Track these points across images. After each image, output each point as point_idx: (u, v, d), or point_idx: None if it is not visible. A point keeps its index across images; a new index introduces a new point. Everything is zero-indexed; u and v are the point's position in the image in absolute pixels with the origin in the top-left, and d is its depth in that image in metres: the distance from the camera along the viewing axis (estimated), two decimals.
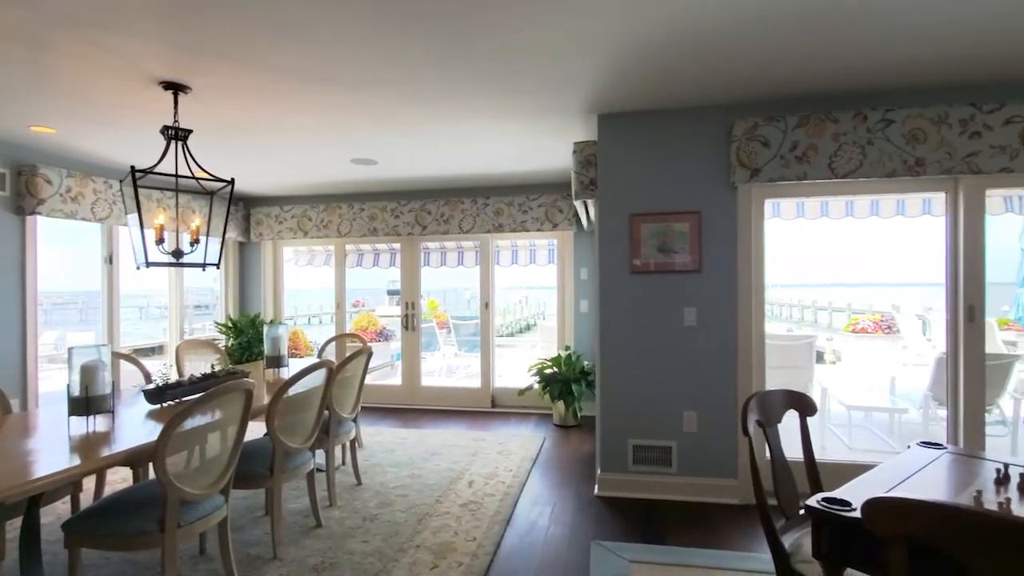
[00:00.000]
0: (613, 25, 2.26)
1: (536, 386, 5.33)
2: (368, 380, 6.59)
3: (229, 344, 5.59)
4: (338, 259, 6.45)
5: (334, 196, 6.23)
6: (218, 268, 3.17)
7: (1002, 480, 1.51)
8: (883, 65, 2.72)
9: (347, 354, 3.54)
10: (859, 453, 4.44)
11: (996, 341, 7.08)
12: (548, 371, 5.32)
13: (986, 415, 4.69)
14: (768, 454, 1.89)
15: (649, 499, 3.40)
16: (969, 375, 3.11)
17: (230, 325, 5.67)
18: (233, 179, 3.09)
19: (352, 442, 3.75)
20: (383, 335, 8.28)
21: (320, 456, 3.51)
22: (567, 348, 5.69)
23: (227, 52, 2.50)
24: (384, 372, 7.44)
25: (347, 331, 6.47)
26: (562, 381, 5.15)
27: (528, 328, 18.48)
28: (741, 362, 3.33)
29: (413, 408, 6.04)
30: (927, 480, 1.59)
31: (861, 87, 3.01)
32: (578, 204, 4.01)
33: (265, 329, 3.78)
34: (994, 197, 5.39)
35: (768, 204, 5.15)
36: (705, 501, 3.35)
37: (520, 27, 2.28)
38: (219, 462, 2.26)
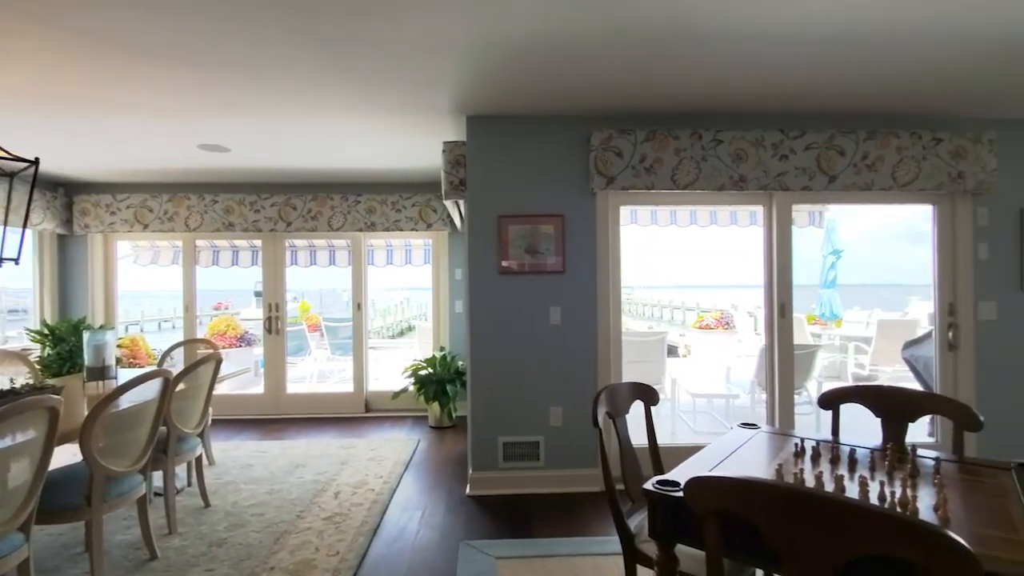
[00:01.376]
0: (470, 27, 2.30)
1: (411, 388, 5.24)
2: (226, 389, 6.06)
3: (45, 354, 4.76)
4: (187, 256, 5.80)
5: (181, 185, 5.59)
6: (17, 263, 2.68)
7: (799, 453, 1.78)
8: (714, 92, 3.08)
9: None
10: (701, 436, 4.97)
11: (805, 334, 8.37)
12: (423, 372, 5.26)
13: (796, 397, 5.53)
14: (618, 443, 2.04)
15: (519, 494, 3.51)
16: (782, 363, 3.63)
17: (46, 332, 4.83)
18: (38, 159, 2.63)
19: (198, 460, 3.39)
20: (245, 340, 7.61)
21: (160, 479, 3.13)
22: (442, 349, 5.68)
23: (31, 11, 2.12)
24: (246, 380, 6.83)
25: (199, 336, 5.84)
26: (437, 382, 5.13)
27: (410, 330, 18.16)
28: (601, 358, 3.56)
29: (278, 418, 5.62)
30: (744, 456, 1.83)
31: (698, 109, 3.39)
32: (449, 204, 4.02)
33: (86, 336, 3.27)
34: (801, 212, 6.37)
35: (626, 211, 5.62)
36: (571, 491, 3.53)
37: (381, 17, 2.23)
38: (18, 495, 1.91)
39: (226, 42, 2.40)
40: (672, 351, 11.37)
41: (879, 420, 2.02)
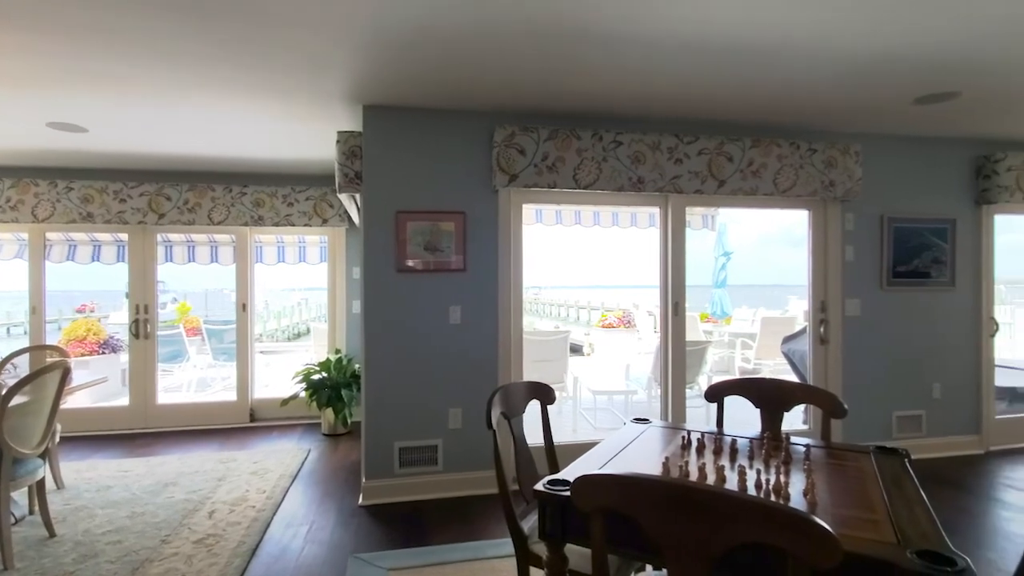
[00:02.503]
0: (358, 8, 2.14)
1: (303, 394, 4.88)
2: (82, 402, 5.32)
3: None
4: (34, 251, 5.02)
5: (28, 169, 4.83)
6: None
7: (685, 445, 1.80)
8: (615, 95, 3.12)
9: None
10: (602, 432, 5.07)
11: (698, 331, 8.91)
12: (316, 377, 4.93)
13: (688, 391, 5.81)
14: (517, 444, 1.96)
15: (416, 501, 3.35)
16: (674, 360, 3.77)
17: None
18: None
19: (41, 484, 2.90)
20: (110, 346, 6.75)
21: None
22: (338, 351, 5.36)
23: None
24: (110, 391, 6.05)
25: (50, 343, 5.07)
26: (331, 387, 4.82)
27: (309, 332, 17.19)
28: (502, 357, 3.49)
29: (146, 432, 5.01)
30: (635, 451, 1.82)
31: (600, 110, 3.43)
32: (344, 198, 3.78)
33: None
34: (696, 215, 6.74)
35: (531, 210, 5.64)
36: (471, 494, 3.42)
37: None
38: None
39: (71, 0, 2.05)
40: (578, 350, 11.70)
41: (759, 411, 2.11)
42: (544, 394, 2.13)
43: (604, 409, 5.90)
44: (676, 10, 2.18)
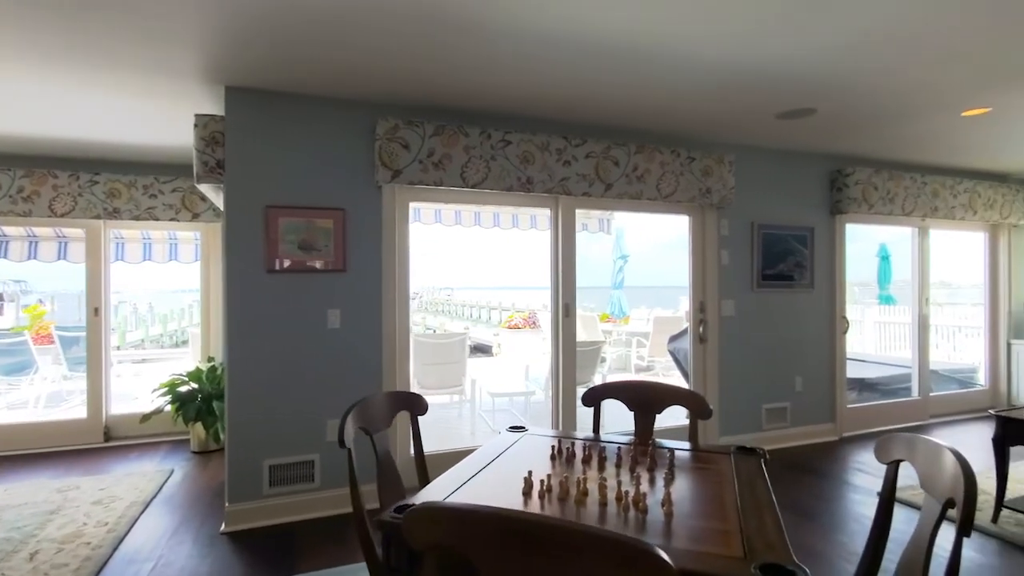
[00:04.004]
0: None
1: (168, 407, 4.35)
2: None
3: None
4: None
5: None
6: None
7: (554, 456, 1.73)
8: (504, 93, 3.04)
9: None
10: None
11: (598, 331, 9.18)
12: (183, 388, 4.42)
13: (583, 389, 5.90)
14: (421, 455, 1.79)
15: (289, 523, 3.06)
16: (565, 361, 3.77)
17: None
18: None
19: None
20: None
21: None
22: (211, 359, 4.86)
23: None
24: None
25: None
26: (202, 399, 4.34)
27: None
28: (386, 362, 3.30)
29: None
30: (504, 463, 1.72)
31: (488, 108, 3.34)
32: (207, 190, 3.38)
33: None
34: (592, 219, 6.88)
35: (431, 210, 5.47)
36: (349, 512, 3.18)
37: None
38: None
39: None
40: (487, 350, 11.66)
41: (632, 413, 2.10)
42: (413, 404, 1.99)
43: (504, 411, 5.86)
44: (558, 9, 2.13)
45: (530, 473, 1.46)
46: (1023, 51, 2.59)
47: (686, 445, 1.87)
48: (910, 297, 5.29)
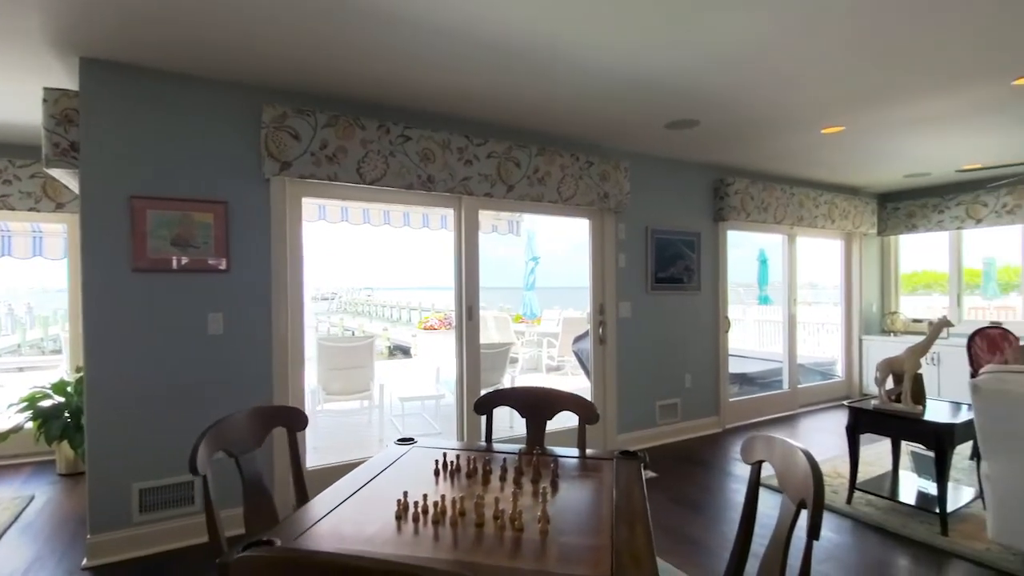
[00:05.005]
0: None
1: (30, 424, 3.79)
2: None
3: None
4: None
5: None
6: None
7: (438, 471, 1.68)
8: (403, 86, 2.93)
9: None
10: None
11: (510, 332, 9.25)
12: (46, 402, 3.86)
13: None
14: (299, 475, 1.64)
15: (165, 552, 2.76)
16: (469, 365, 3.73)
17: None
18: None
19: None
20: None
21: None
22: (79, 370, 4.29)
23: None
24: None
25: None
26: (69, 414, 3.81)
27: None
28: (277, 370, 3.07)
29: None
30: (384, 481, 1.64)
31: (386, 100, 3.20)
32: (59, 175, 2.97)
33: None
34: (502, 220, 6.90)
35: (337, 208, 5.20)
36: (239, 533, 2.93)
37: None
38: None
39: None
40: (407, 351, 11.37)
41: (524, 420, 2.10)
42: (290, 419, 1.84)
43: (416, 415, 5.72)
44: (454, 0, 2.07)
45: (405, 494, 1.40)
46: (871, 74, 2.89)
47: (574, 452, 1.89)
48: (782, 297, 5.80)
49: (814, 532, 1.16)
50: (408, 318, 20.50)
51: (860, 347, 6.25)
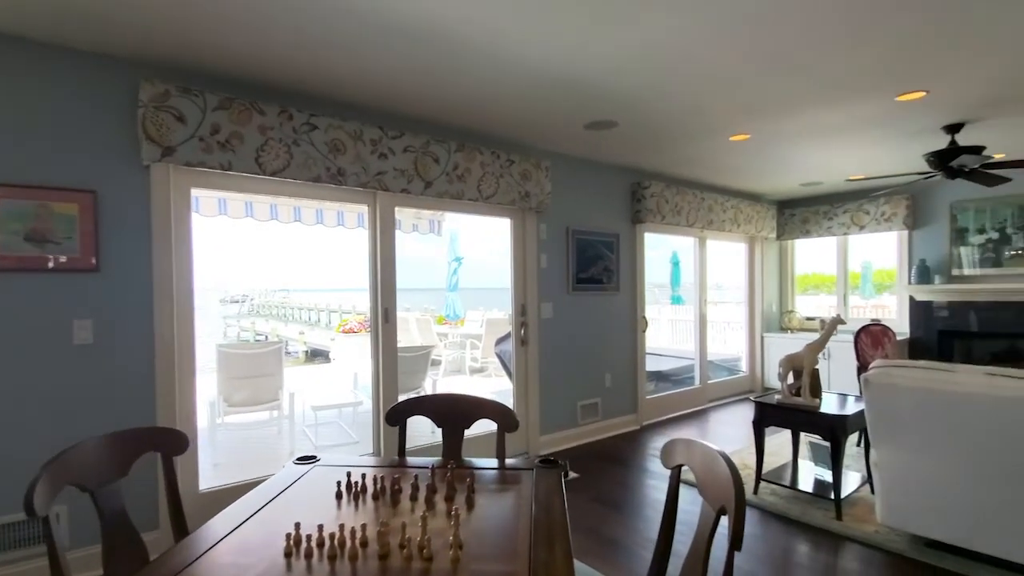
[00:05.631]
0: None
1: None
2: None
3: None
4: None
5: None
6: None
7: (340, 494, 1.50)
8: (307, 67, 2.69)
9: None
10: (323, 452, 4.56)
11: (432, 334, 9.04)
12: None
13: (415, 395, 5.68)
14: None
15: None
16: (386, 370, 3.52)
17: None
18: None
19: None
20: None
21: None
22: None
23: None
24: None
25: None
26: None
27: None
28: (162, 384, 2.71)
29: None
30: (280, 506, 1.45)
31: (289, 84, 2.94)
32: None
33: None
34: (423, 220, 6.69)
35: (240, 202, 4.76)
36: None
37: None
38: None
39: None
40: (325, 356, 10.75)
41: (440, 431, 1.96)
42: (165, 442, 1.59)
43: (332, 423, 5.38)
44: None
45: (297, 526, 1.22)
46: (771, 85, 3.03)
47: (492, 463, 1.78)
48: (694, 297, 6.06)
49: (736, 543, 1.13)
50: (328, 321, 19.56)
51: (762, 344, 6.66)
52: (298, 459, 1.80)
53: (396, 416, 1.95)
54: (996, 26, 2.37)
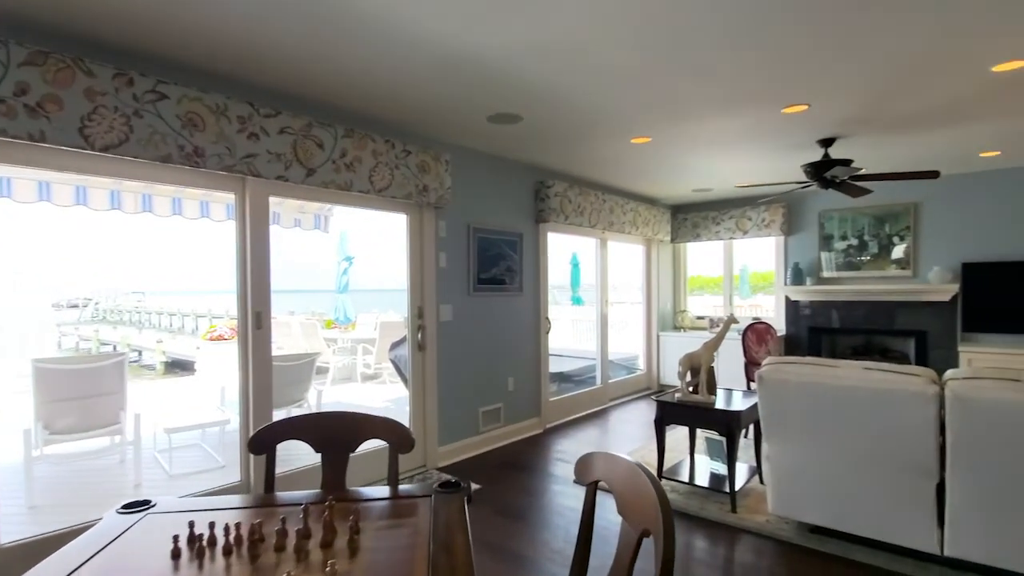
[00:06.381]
0: None
1: None
2: None
3: None
4: None
5: None
6: None
7: (177, 552, 1.15)
8: (152, 22, 2.21)
9: None
10: (178, 482, 3.92)
11: (319, 339, 8.37)
12: None
13: (297, 410, 5.15)
14: None
15: None
16: (257, 384, 3.06)
17: None
18: None
19: None
20: None
21: None
22: None
23: None
24: None
25: None
26: None
27: None
28: None
29: None
30: (99, 569, 1.07)
31: (129, 42, 2.42)
32: None
33: None
34: (307, 215, 6.13)
35: (68, 187, 3.96)
36: None
37: None
38: None
39: None
40: (189, 367, 9.53)
41: (320, 456, 1.64)
42: None
43: (194, 446, 4.67)
44: None
45: None
46: (672, 88, 3.03)
47: (382, 492, 1.50)
48: (595, 298, 6.11)
49: (667, 570, 0.97)
50: (194, 327, 17.65)
51: (658, 342, 6.90)
52: (123, 506, 1.39)
53: (260, 445, 1.60)
54: (868, 51, 2.52)
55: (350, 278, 9.50)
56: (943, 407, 2.36)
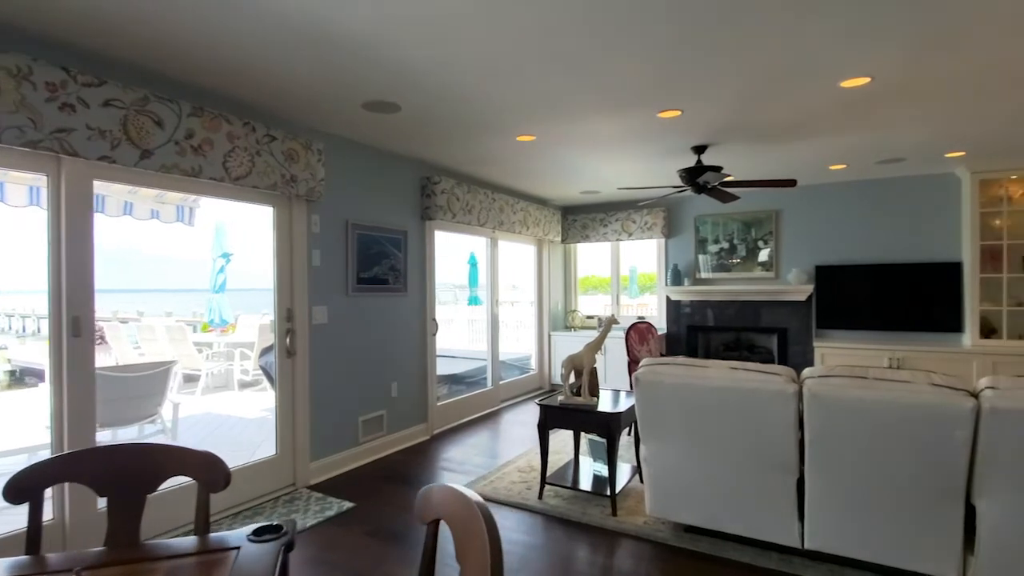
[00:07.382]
0: None
1: None
2: None
3: None
4: None
5: None
6: None
7: None
8: None
9: None
10: None
11: (188, 344, 7.52)
12: None
13: (150, 427, 4.53)
14: None
15: None
16: (75, 397, 2.57)
17: None
18: None
19: None
20: None
21: None
22: None
23: None
24: None
25: None
26: None
27: None
28: None
29: None
30: None
31: None
32: None
33: None
34: (168, 205, 5.44)
35: None
36: None
37: None
38: None
39: None
40: (40, 377, 8.10)
41: (105, 501, 1.33)
42: None
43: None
44: None
45: None
46: (552, 83, 2.96)
47: (186, 544, 1.23)
48: (487, 298, 6.01)
49: None
50: (36, 328, 15.27)
51: (549, 342, 6.95)
52: None
53: (19, 493, 1.26)
54: (733, 62, 2.60)
55: (227, 276, 8.65)
56: (803, 404, 2.49)
